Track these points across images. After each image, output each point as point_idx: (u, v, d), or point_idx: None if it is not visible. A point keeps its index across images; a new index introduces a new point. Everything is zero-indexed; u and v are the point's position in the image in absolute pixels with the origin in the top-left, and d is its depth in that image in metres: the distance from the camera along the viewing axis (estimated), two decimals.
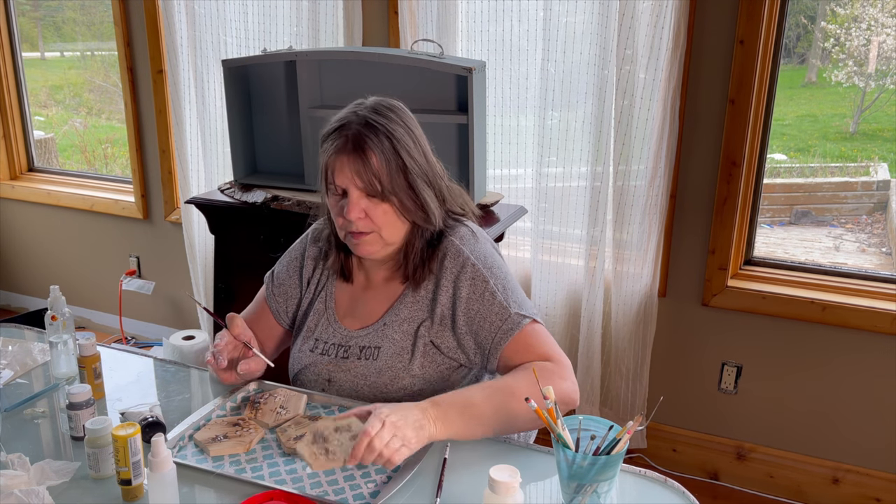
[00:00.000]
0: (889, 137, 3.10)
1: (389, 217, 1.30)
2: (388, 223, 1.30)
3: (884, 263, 2.95)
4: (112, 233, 3.47)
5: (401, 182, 1.28)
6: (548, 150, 2.36)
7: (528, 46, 2.34)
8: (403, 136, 1.29)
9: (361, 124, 1.28)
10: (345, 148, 1.28)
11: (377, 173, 1.26)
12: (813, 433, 2.36)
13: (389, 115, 1.30)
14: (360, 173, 1.27)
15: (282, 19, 2.64)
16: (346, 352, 1.38)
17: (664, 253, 2.37)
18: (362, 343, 1.38)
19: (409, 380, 1.33)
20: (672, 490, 1.13)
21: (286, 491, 1.09)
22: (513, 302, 1.32)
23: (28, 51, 3.79)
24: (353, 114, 1.30)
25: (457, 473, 1.16)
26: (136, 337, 3.54)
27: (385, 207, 1.29)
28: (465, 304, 1.32)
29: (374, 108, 1.31)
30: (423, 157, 1.32)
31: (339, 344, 1.40)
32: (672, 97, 2.18)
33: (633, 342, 2.42)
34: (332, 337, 1.41)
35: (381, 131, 1.27)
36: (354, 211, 1.28)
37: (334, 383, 1.39)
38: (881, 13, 2.76)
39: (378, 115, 1.29)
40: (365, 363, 1.36)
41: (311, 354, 1.42)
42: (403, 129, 1.30)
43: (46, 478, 1.14)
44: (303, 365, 1.43)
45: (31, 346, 1.58)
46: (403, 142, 1.29)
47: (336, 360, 1.39)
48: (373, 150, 1.26)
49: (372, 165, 1.26)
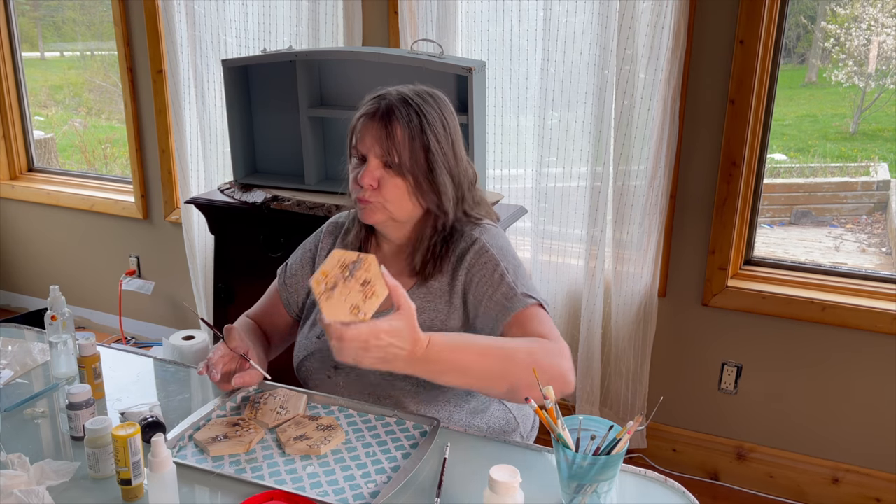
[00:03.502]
0: (889, 137, 3.10)
1: (400, 192, 1.29)
2: (398, 198, 1.30)
3: (884, 263, 2.95)
4: (112, 233, 3.47)
5: (420, 161, 1.28)
6: (548, 150, 2.36)
7: (528, 46, 2.34)
8: (435, 120, 1.29)
9: (397, 98, 1.29)
10: (373, 115, 1.29)
11: (398, 145, 1.27)
12: (813, 433, 2.36)
13: (428, 100, 1.31)
14: (381, 141, 1.27)
15: (282, 19, 2.64)
16: None
17: (664, 253, 2.37)
18: None
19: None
20: (672, 490, 1.13)
21: (286, 491, 1.09)
22: (521, 284, 1.31)
23: (28, 51, 3.79)
24: (395, 89, 1.32)
25: (457, 473, 1.16)
26: (136, 337, 3.54)
27: (398, 182, 1.29)
28: (476, 288, 1.32)
29: (416, 90, 1.32)
30: (450, 148, 1.31)
31: None
32: (672, 97, 2.18)
33: (633, 342, 2.42)
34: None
35: (413, 108, 1.28)
36: (367, 177, 1.28)
37: (341, 370, 1.38)
38: (881, 13, 2.76)
39: (417, 95, 1.31)
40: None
41: (317, 342, 1.41)
42: (437, 114, 1.30)
43: (46, 478, 1.14)
44: (309, 352, 1.42)
45: (31, 346, 1.58)
46: (433, 125, 1.29)
47: None
48: (399, 121, 1.27)
49: (395, 136, 1.27)
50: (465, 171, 1.36)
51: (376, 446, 1.22)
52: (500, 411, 1.43)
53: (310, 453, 1.19)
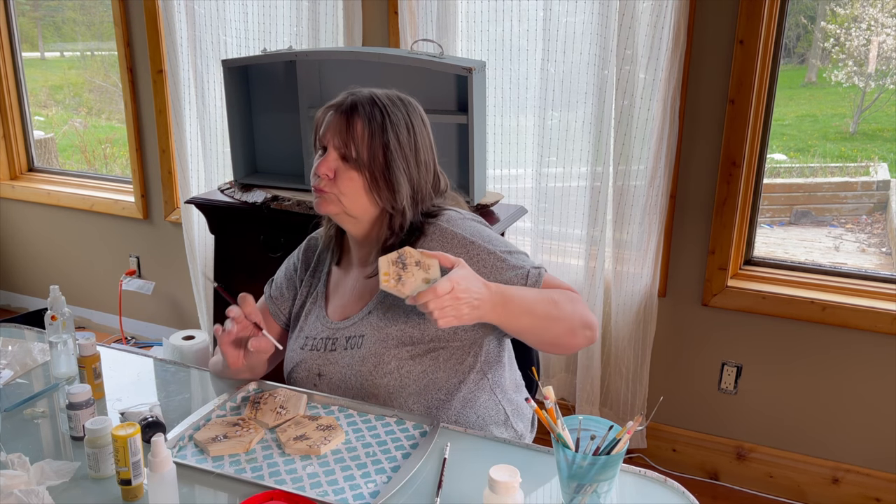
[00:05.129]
0: (889, 137, 3.10)
1: (356, 186, 1.31)
2: (353, 192, 1.31)
3: (884, 263, 2.95)
4: (112, 233, 3.47)
5: (378, 159, 1.30)
6: (548, 150, 2.36)
7: (528, 46, 2.34)
8: (399, 121, 1.31)
9: (366, 96, 1.32)
10: (337, 108, 1.32)
11: (357, 140, 1.29)
12: (813, 433, 2.36)
13: (397, 103, 1.33)
14: (341, 133, 1.30)
15: (282, 19, 2.64)
16: (334, 344, 1.39)
17: (664, 253, 2.37)
18: (348, 333, 1.38)
19: (396, 363, 1.32)
20: (672, 490, 1.13)
21: (286, 491, 1.09)
22: (523, 262, 1.33)
23: (28, 51, 3.79)
24: (368, 89, 1.34)
25: (457, 473, 1.16)
26: (136, 337, 3.54)
27: (354, 175, 1.30)
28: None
29: (388, 93, 1.34)
30: (411, 151, 1.32)
31: (327, 337, 1.40)
32: (672, 97, 2.18)
33: (633, 342, 2.42)
34: (320, 332, 1.42)
35: (379, 107, 1.30)
36: (323, 167, 1.30)
37: (324, 377, 1.39)
38: (881, 13, 2.76)
39: (387, 97, 1.33)
40: (350, 353, 1.36)
41: (301, 352, 1.43)
42: (402, 117, 1.32)
43: (46, 478, 1.14)
44: (294, 363, 1.44)
45: (31, 346, 1.58)
46: (396, 125, 1.30)
47: (325, 354, 1.39)
48: (361, 117, 1.29)
49: (356, 131, 1.29)
50: (427, 177, 1.36)
51: (376, 446, 1.22)
52: (490, 401, 1.43)
53: (310, 453, 1.19)
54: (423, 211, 1.37)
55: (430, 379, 1.33)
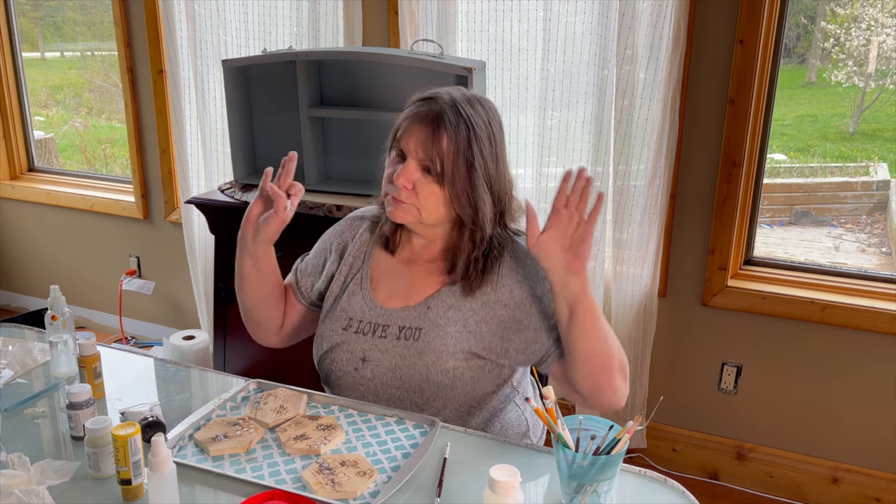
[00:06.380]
0: (889, 137, 3.10)
1: (436, 199, 1.27)
2: (433, 204, 1.28)
3: (884, 263, 2.95)
4: (112, 233, 3.48)
5: (462, 174, 1.26)
6: (548, 150, 2.36)
7: (528, 46, 2.34)
8: (482, 134, 1.27)
9: (449, 104, 1.26)
10: (422, 117, 1.26)
11: (442, 154, 1.25)
12: (813, 433, 2.36)
13: (478, 108, 1.28)
14: (425, 146, 1.25)
15: (282, 19, 2.64)
16: (385, 331, 1.35)
17: (664, 253, 2.37)
18: (402, 323, 1.34)
19: (453, 363, 1.30)
20: (672, 490, 1.13)
21: (286, 491, 1.09)
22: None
23: (28, 51, 3.79)
24: (448, 93, 1.29)
25: (457, 473, 1.16)
26: (136, 337, 3.54)
27: (435, 189, 1.27)
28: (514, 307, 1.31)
29: (467, 97, 1.29)
30: (493, 161, 1.29)
31: (377, 322, 1.36)
32: (672, 97, 2.18)
33: (633, 342, 2.42)
34: (368, 315, 1.38)
35: (464, 118, 1.25)
36: (403, 178, 1.26)
37: (369, 362, 1.36)
38: (881, 13, 2.77)
39: (468, 103, 1.27)
40: (405, 343, 1.33)
41: (343, 333, 1.38)
42: (485, 126, 1.28)
43: (46, 478, 1.14)
44: (334, 343, 1.39)
45: (31, 346, 1.58)
46: (481, 139, 1.26)
47: (373, 339, 1.36)
48: (447, 130, 1.24)
49: (441, 145, 1.24)
50: (507, 182, 1.34)
51: (376, 446, 1.22)
52: (514, 412, 1.42)
53: (310, 453, 1.19)
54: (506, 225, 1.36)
55: (474, 384, 1.32)
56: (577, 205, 1.19)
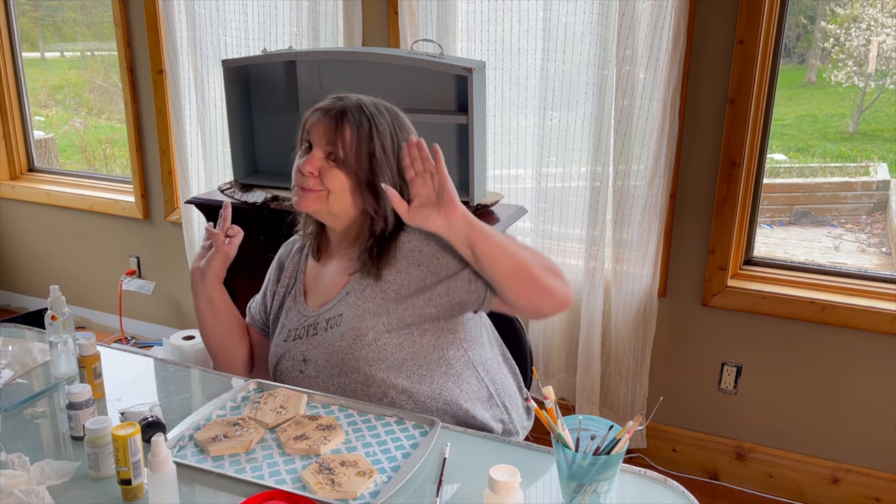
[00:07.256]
0: (889, 137, 3.10)
1: (340, 185, 1.34)
2: (338, 190, 1.34)
3: (884, 263, 2.95)
4: (112, 233, 3.48)
5: (364, 163, 1.33)
6: (548, 150, 2.36)
7: (528, 46, 2.35)
8: (385, 131, 1.35)
9: (354, 102, 1.35)
10: (326, 112, 1.35)
11: (345, 143, 1.32)
12: (813, 433, 2.36)
13: (383, 111, 1.37)
14: (329, 135, 1.33)
15: (282, 19, 2.64)
16: (315, 328, 1.42)
17: (664, 253, 2.37)
18: (327, 316, 1.41)
19: (373, 335, 1.34)
20: (672, 490, 1.13)
21: (286, 491, 1.09)
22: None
23: (28, 51, 3.79)
24: (356, 96, 1.38)
25: (457, 473, 1.16)
26: (136, 337, 3.54)
27: (339, 175, 1.33)
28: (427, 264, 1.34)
29: (375, 101, 1.38)
30: (395, 159, 1.35)
31: (308, 324, 1.43)
32: (672, 97, 2.18)
33: (633, 342, 2.42)
34: (300, 321, 1.45)
35: (367, 115, 1.34)
36: (309, 164, 1.33)
37: (310, 361, 1.42)
38: (881, 13, 2.77)
39: (374, 106, 1.36)
40: (332, 332, 1.39)
41: (284, 344, 1.46)
42: (388, 126, 1.35)
43: (46, 478, 1.14)
44: (279, 355, 1.46)
45: (31, 346, 1.58)
46: (383, 135, 1.34)
47: (308, 340, 1.42)
48: (350, 124, 1.33)
49: (344, 135, 1.33)
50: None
51: (376, 446, 1.22)
52: (472, 378, 1.43)
53: (310, 453, 1.19)
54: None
55: (407, 353, 1.36)
56: (424, 166, 1.24)
